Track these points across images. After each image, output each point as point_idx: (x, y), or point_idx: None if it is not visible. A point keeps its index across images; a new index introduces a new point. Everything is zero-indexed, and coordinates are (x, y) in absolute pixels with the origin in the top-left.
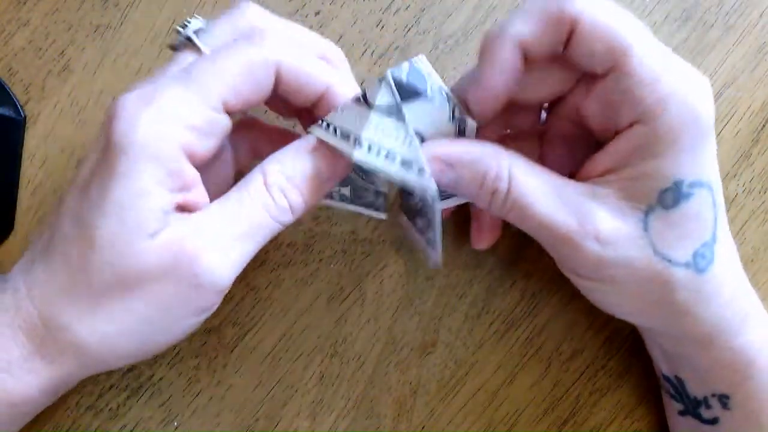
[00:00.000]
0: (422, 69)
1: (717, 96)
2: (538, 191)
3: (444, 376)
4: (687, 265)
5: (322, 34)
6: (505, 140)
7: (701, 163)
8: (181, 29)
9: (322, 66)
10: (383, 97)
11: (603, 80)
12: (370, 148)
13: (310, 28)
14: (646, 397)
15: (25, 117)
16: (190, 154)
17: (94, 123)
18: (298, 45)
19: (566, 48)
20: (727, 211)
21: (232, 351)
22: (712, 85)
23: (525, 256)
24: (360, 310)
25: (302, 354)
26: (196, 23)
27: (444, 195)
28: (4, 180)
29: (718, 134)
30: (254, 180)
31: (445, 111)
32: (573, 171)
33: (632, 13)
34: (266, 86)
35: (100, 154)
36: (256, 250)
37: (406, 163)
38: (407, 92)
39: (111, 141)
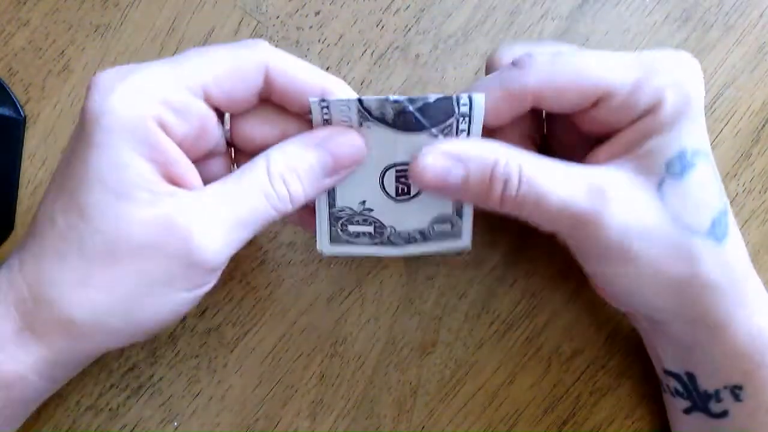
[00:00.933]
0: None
1: (717, 96)
2: (550, 177)
3: (444, 376)
4: (708, 233)
5: (322, 34)
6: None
7: (699, 135)
8: None
9: (316, 70)
10: (378, 109)
11: (595, 106)
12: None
13: (310, 28)
14: (646, 397)
15: (25, 117)
16: (165, 130)
17: None
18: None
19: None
20: None
21: (232, 351)
22: (712, 85)
23: (525, 255)
24: (360, 310)
25: (302, 354)
26: None
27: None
28: (4, 180)
29: (719, 134)
30: (257, 166)
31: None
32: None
33: (632, 13)
34: (252, 85)
35: (79, 126)
36: (251, 237)
37: None
38: (411, 124)
39: (86, 111)
